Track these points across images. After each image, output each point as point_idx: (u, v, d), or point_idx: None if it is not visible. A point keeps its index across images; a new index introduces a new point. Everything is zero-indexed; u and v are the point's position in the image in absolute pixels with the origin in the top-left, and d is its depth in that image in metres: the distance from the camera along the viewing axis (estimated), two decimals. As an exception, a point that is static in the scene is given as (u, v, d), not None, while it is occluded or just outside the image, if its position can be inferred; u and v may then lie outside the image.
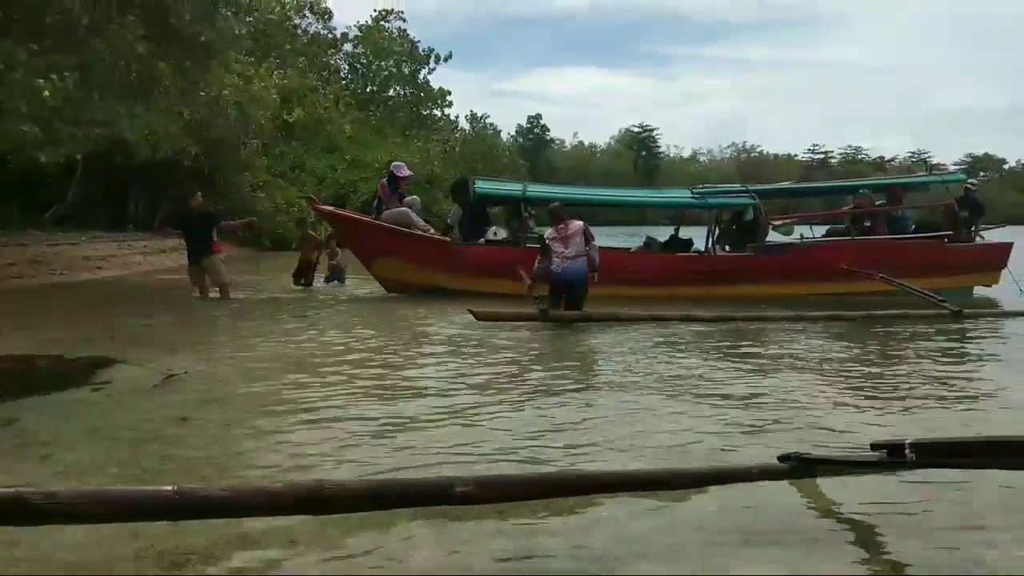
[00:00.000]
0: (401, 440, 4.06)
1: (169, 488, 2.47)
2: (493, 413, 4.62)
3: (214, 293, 10.57)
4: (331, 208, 12.61)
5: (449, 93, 38.45)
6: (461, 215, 11.75)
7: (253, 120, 19.67)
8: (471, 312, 7.92)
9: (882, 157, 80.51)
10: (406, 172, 11.77)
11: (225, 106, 17.72)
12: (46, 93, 9.70)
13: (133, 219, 20.19)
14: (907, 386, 5.59)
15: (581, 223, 8.82)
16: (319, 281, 12.54)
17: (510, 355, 6.59)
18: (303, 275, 12.26)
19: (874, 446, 3.11)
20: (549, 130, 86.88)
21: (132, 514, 2.45)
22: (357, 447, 3.93)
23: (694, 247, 12.29)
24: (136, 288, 12.90)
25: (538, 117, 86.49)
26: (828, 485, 3.31)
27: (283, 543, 2.74)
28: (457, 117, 45.13)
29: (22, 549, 2.65)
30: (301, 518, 2.81)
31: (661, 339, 7.49)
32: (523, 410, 4.72)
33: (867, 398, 5.19)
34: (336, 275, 12.80)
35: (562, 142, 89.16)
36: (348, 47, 35.68)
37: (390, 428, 4.28)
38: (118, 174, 18.41)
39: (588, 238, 8.76)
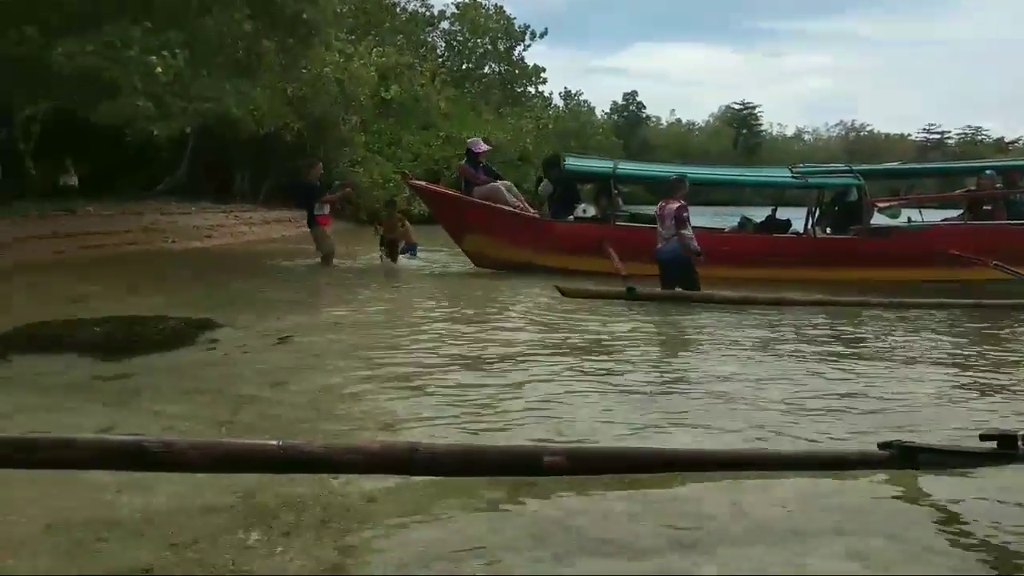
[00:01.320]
0: (491, 409, 4.13)
1: (274, 443, 2.61)
2: (582, 387, 4.63)
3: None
4: (424, 183, 12.84)
5: (544, 70, 38.36)
6: (552, 191, 11.74)
7: (353, 97, 20.11)
8: (558, 288, 7.93)
9: (1003, 138, 75.69)
10: (483, 146, 11.85)
11: (326, 83, 18.18)
12: (158, 69, 10.15)
13: (239, 192, 21.06)
14: (1020, 379, 5.28)
15: (675, 206, 8.61)
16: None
17: (597, 332, 6.57)
18: (389, 251, 12.53)
19: (983, 436, 2.97)
20: (645, 107, 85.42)
21: (239, 465, 2.61)
22: (448, 413, 4.02)
23: (792, 228, 11.90)
24: (243, 256, 13.56)
25: (634, 94, 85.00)
26: (931, 477, 3.13)
27: (366, 500, 2.83)
28: (551, 94, 44.97)
29: (125, 496, 2.80)
30: (390, 477, 2.91)
31: (754, 322, 7.30)
32: (610, 385, 4.71)
33: (976, 389, 4.93)
34: (410, 248, 13.08)
35: (658, 119, 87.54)
36: (445, 24, 36.01)
37: (481, 397, 4.36)
38: (225, 148, 19.20)
39: (680, 224, 8.53)
